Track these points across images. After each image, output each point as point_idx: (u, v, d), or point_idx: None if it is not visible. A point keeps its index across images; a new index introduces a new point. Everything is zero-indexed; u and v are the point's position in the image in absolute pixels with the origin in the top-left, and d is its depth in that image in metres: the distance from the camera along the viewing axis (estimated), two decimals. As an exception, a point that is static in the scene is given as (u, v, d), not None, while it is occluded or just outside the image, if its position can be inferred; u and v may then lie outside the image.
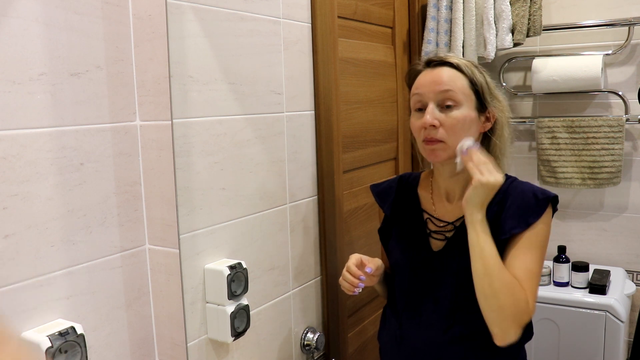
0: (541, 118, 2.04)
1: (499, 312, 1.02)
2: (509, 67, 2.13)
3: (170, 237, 1.10)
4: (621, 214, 2.04)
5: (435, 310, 1.15)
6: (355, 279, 1.18)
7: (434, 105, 1.08)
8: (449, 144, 1.08)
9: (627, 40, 1.94)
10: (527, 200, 1.10)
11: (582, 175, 1.98)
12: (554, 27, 2.01)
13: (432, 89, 1.09)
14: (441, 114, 1.08)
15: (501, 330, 1.02)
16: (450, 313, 1.13)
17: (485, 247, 1.02)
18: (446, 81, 1.09)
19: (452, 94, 1.08)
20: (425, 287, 1.16)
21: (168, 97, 1.05)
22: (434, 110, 1.08)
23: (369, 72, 1.69)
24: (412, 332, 1.18)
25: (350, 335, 1.61)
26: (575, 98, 2.05)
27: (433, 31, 1.91)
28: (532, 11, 1.87)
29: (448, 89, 1.08)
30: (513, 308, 1.01)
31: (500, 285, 1.01)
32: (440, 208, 1.19)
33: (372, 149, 1.72)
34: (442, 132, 1.07)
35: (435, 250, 1.16)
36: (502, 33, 1.84)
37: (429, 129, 1.08)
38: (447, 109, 1.08)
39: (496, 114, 1.13)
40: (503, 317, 1.01)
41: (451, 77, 1.09)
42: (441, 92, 1.08)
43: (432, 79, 1.10)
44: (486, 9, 1.84)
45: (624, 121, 1.92)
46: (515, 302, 1.01)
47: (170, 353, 1.14)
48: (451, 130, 1.07)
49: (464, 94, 1.09)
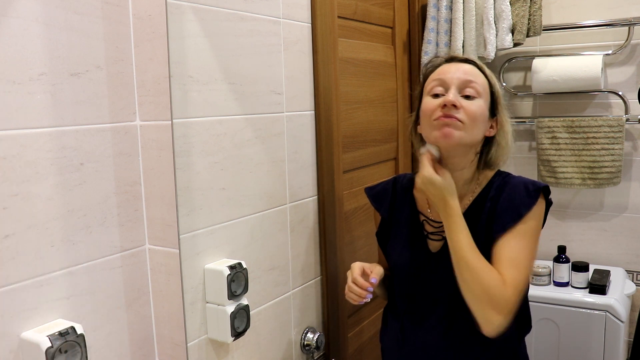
0: (541, 118, 2.04)
1: (473, 299, 1.04)
2: (509, 67, 2.13)
3: (170, 237, 1.10)
4: (621, 214, 2.04)
5: (435, 311, 1.15)
6: (364, 291, 1.16)
7: (456, 90, 1.09)
8: (466, 127, 1.07)
9: (627, 40, 1.94)
10: (519, 192, 1.11)
11: (582, 175, 1.98)
12: (554, 27, 2.01)
13: (457, 75, 1.10)
14: (462, 100, 1.09)
15: (483, 318, 1.03)
16: (450, 314, 1.14)
17: (456, 240, 1.05)
18: (470, 72, 1.11)
19: (475, 85, 1.10)
20: (425, 288, 1.17)
21: (168, 97, 1.05)
22: (456, 94, 1.08)
23: (369, 72, 1.69)
24: (413, 334, 1.18)
25: (350, 335, 1.61)
26: (575, 98, 2.05)
27: (433, 31, 1.91)
28: (532, 11, 1.87)
29: (472, 80, 1.10)
30: (485, 294, 1.02)
31: (469, 274, 1.03)
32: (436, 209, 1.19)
33: (372, 149, 1.72)
34: (462, 114, 1.07)
35: (434, 252, 1.17)
36: (502, 33, 1.84)
37: (450, 107, 1.07)
38: (466, 98, 1.09)
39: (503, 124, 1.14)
40: (479, 304, 1.03)
41: (475, 72, 1.12)
42: (465, 80, 1.10)
43: (456, 69, 1.12)
44: (486, 9, 1.84)
45: (624, 121, 1.92)
46: (485, 287, 1.02)
47: (170, 353, 1.14)
48: (471, 115, 1.08)
49: (484, 89, 1.11)
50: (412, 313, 1.19)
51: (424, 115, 1.12)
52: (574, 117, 1.98)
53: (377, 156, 1.75)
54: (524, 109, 2.14)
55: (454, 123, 1.07)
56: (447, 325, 1.14)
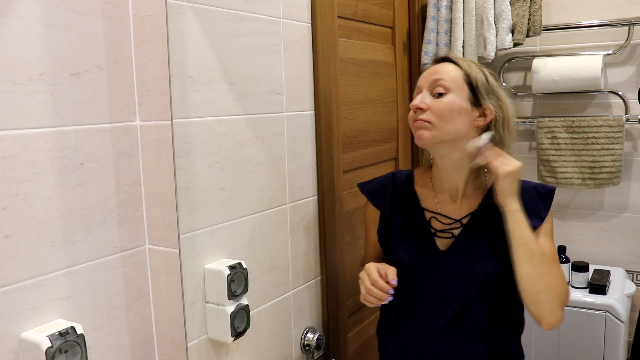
0: (541, 118, 2.04)
1: (547, 293, 1.07)
2: (509, 67, 2.13)
3: (170, 237, 1.10)
4: (621, 214, 2.04)
5: (444, 311, 1.15)
6: (384, 294, 1.12)
7: (427, 92, 1.15)
8: (435, 126, 1.12)
9: (627, 40, 1.94)
10: (532, 197, 1.16)
11: (582, 175, 1.98)
12: (554, 27, 2.01)
13: (427, 79, 1.16)
14: (431, 99, 1.13)
15: (550, 311, 1.07)
16: (461, 313, 1.14)
17: (526, 234, 1.08)
18: (440, 71, 1.15)
19: (442, 82, 1.13)
20: (433, 287, 1.17)
21: (168, 97, 1.05)
22: (424, 96, 1.14)
23: (369, 72, 1.69)
24: (420, 333, 1.18)
25: (350, 335, 1.61)
26: (575, 98, 2.05)
27: (433, 31, 1.91)
28: (532, 11, 1.87)
29: (439, 78, 1.14)
30: (560, 288, 1.08)
31: (545, 268, 1.07)
32: (445, 205, 1.19)
33: (372, 149, 1.72)
34: (429, 114, 1.12)
35: (443, 250, 1.16)
36: (502, 33, 1.84)
37: (416, 111, 1.14)
38: (438, 96, 1.13)
39: (494, 111, 1.14)
40: (552, 298, 1.07)
41: (446, 69, 1.15)
42: (433, 80, 1.14)
43: (430, 72, 1.17)
44: (486, 9, 1.84)
45: (624, 121, 1.92)
46: (561, 282, 1.09)
47: (170, 353, 1.15)
48: (437, 113, 1.12)
49: (454, 83, 1.13)
50: (419, 312, 1.18)
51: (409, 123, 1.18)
52: (574, 117, 1.98)
53: (377, 156, 1.75)
54: (524, 109, 2.14)
55: (423, 125, 1.12)
56: (457, 325, 1.14)
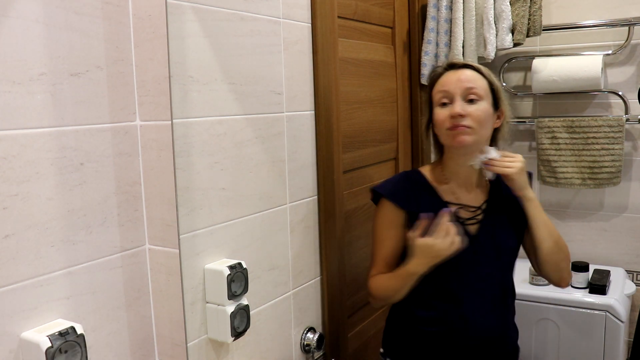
0: (541, 118, 2.04)
1: (566, 260, 1.32)
2: (509, 67, 2.13)
3: (170, 237, 1.10)
4: (621, 214, 2.04)
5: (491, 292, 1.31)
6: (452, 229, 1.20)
7: (461, 99, 1.24)
8: (475, 131, 1.23)
9: (627, 40, 1.94)
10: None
11: (582, 175, 1.98)
12: (554, 27, 2.01)
13: (459, 85, 1.25)
14: (466, 105, 1.24)
15: (568, 273, 1.33)
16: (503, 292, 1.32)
17: (544, 216, 1.28)
18: (471, 79, 1.26)
19: (476, 90, 1.25)
20: (473, 269, 1.29)
21: (168, 97, 1.05)
22: (462, 104, 1.24)
23: (369, 72, 1.69)
24: (476, 310, 1.29)
25: (350, 335, 1.61)
26: (575, 98, 2.05)
27: (433, 31, 1.91)
28: (532, 11, 1.87)
29: (472, 86, 1.25)
30: (568, 251, 1.32)
31: (562, 242, 1.30)
32: (464, 196, 1.32)
33: (372, 149, 1.72)
34: (469, 120, 1.23)
35: (473, 234, 1.29)
36: (502, 33, 1.84)
37: (457, 117, 1.23)
38: (470, 102, 1.24)
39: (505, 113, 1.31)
40: (568, 262, 1.32)
41: (474, 77, 1.27)
42: (467, 88, 1.25)
43: (457, 78, 1.26)
44: (486, 9, 1.84)
45: (624, 121, 1.92)
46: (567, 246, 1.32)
47: (170, 353, 1.14)
48: (477, 119, 1.24)
49: (484, 91, 1.26)
50: (469, 294, 1.29)
51: (438, 125, 1.27)
52: (574, 117, 1.99)
53: (377, 156, 1.75)
54: (524, 109, 2.15)
55: (464, 130, 1.23)
56: (501, 295, 1.32)
